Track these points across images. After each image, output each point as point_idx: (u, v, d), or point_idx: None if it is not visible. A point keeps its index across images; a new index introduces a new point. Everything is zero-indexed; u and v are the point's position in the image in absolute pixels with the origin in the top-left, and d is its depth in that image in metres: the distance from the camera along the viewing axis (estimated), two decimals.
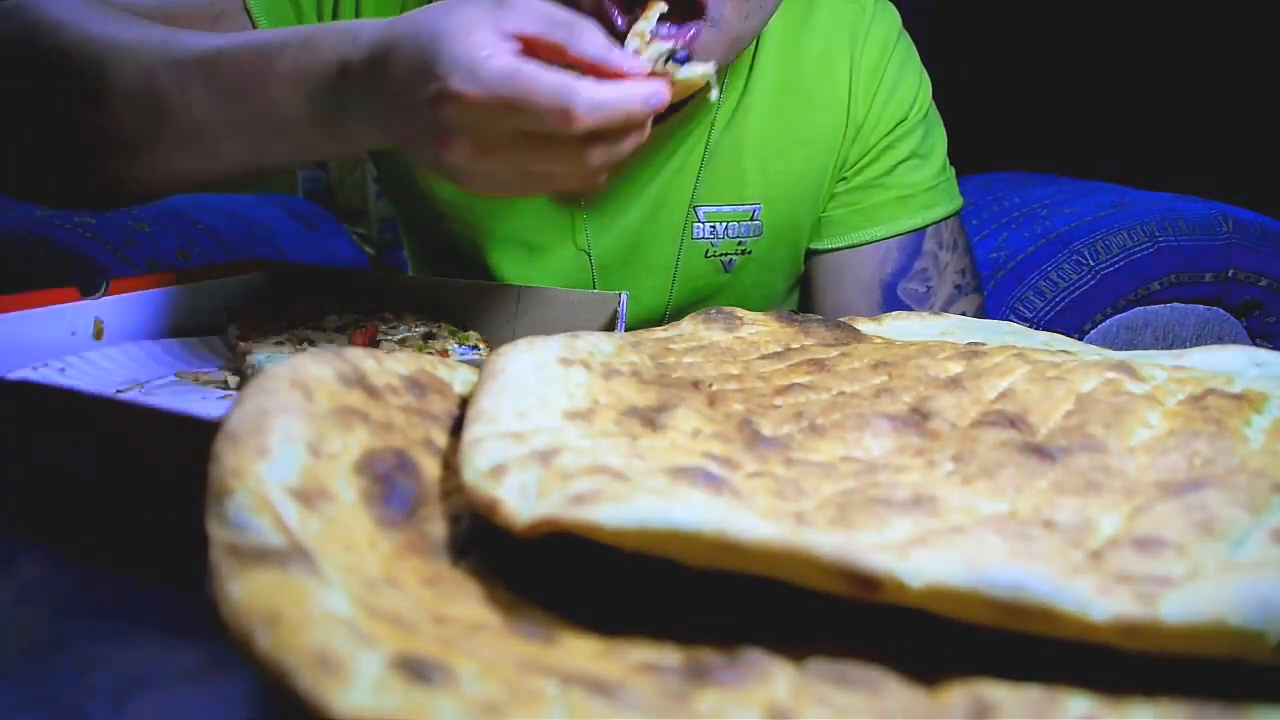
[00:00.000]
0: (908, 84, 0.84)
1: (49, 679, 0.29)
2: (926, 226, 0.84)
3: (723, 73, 0.78)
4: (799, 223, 0.85)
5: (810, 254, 0.87)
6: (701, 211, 0.82)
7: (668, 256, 0.83)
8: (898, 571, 0.22)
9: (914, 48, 0.86)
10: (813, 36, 0.82)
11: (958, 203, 0.86)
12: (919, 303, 0.83)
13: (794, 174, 0.83)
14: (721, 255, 0.84)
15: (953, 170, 0.87)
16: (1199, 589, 0.22)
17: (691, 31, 0.64)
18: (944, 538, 0.25)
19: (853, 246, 0.85)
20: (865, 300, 0.84)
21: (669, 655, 0.24)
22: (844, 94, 0.82)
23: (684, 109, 0.78)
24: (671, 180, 0.81)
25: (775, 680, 0.23)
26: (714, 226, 0.83)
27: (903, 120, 0.83)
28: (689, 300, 0.85)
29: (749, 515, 0.25)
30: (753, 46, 0.80)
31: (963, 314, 0.82)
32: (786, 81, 0.81)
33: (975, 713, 0.22)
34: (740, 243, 0.83)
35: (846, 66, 0.82)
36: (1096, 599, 0.22)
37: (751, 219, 0.83)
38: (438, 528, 0.28)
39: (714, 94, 0.52)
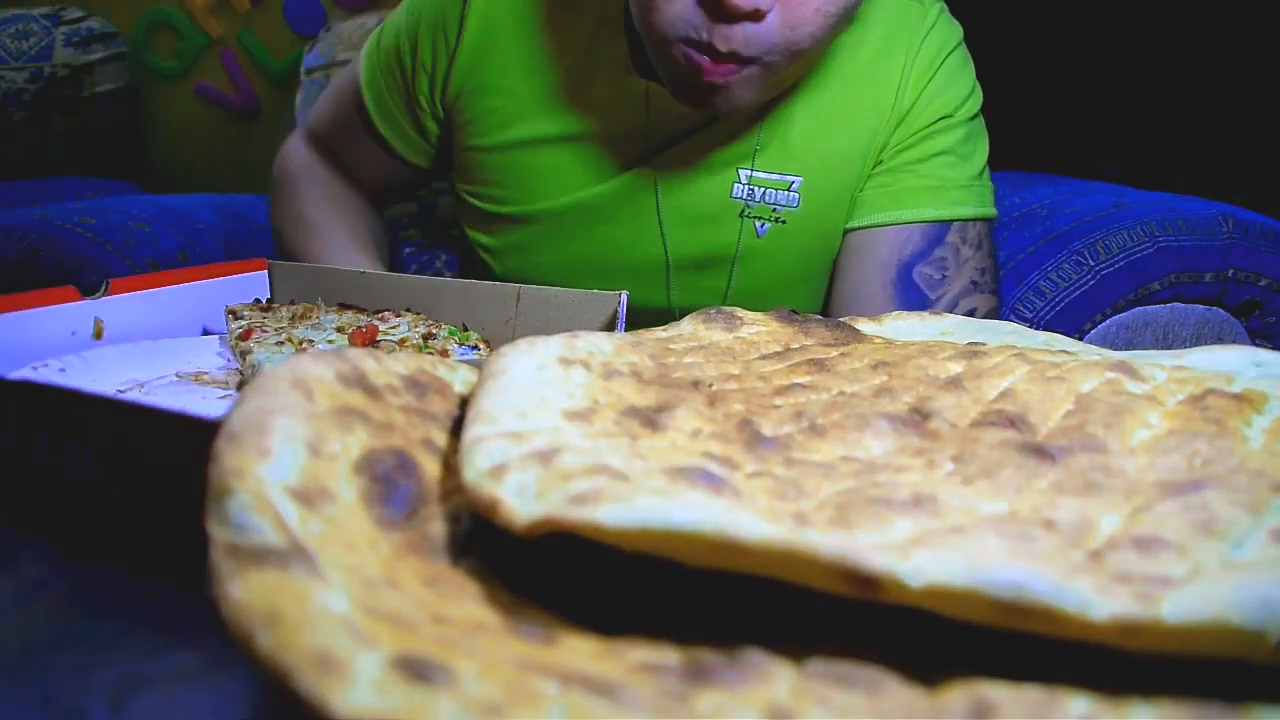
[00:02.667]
0: (958, 87, 0.87)
1: (49, 679, 0.29)
2: (953, 221, 0.85)
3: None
4: (836, 202, 0.87)
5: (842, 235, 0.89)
6: (743, 173, 0.85)
7: (711, 211, 0.87)
8: (898, 571, 0.22)
9: (970, 62, 0.89)
10: (872, 25, 0.85)
11: (990, 211, 0.88)
12: (932, 288, 0.84)
13: (837, 153, 0.85)
14: (756, 218, 0.87)
15: (992, 185, 0.89)
16: (1199, 589, 0.22)
17: (745, 70, 0.72)
18: (944, 538, 0.25)
19: (877, 226, 0.86)
20: (881, 278, 0.85)
21: (669, 655, 0.24)
22: (895, 83, 0.85)
23: None
24: (725, 140, 0.85)
25: (775, 680, 0.23)
26: (752, 189, 0.86)
27: (947, 116, 0.86)
28: (721, 254, 0.88)
29: (749, 515, 0.25)
30: None
31: (973, 310, 0.84)
32: (839, 68, 0.85)
33: (975, 713, 0.22)
34: (775, 209, 0.86)
35: (902, 59, 0.85)
36: (1096, 599, 0.22)
37: (789, 189, 0.86)
38: (438, 528, 0.28)
39: None
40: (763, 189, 0.86)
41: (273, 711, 0.27)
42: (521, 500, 0.26)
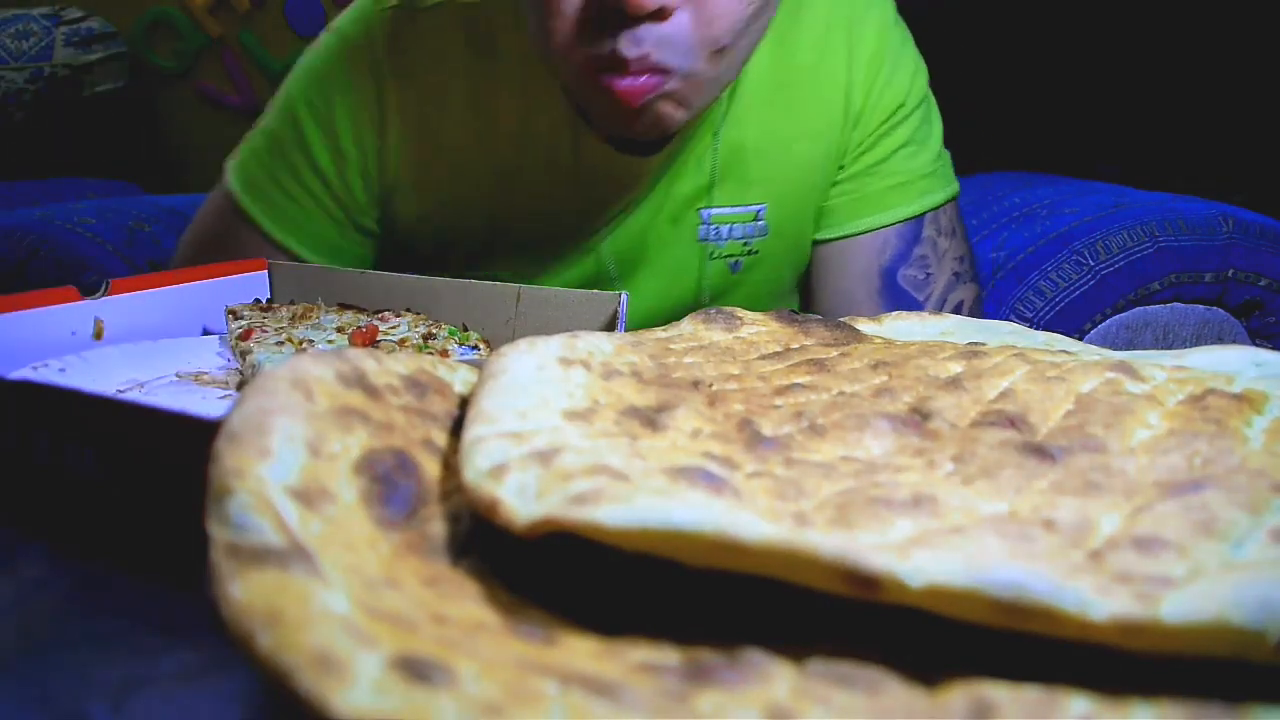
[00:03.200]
0: (904, 71, 0.83)
1: (49, 679, 0.29)
2: (925, 213, 0.84)
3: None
4: (804, 216, 0.84)
5: (811, 244, 0.87)
6: (706, 214, 0.82)
7: (677, 259, 0.83)
8: (898, 571, 0.22)
9: (909, 35, 0.86)
10: (804, 30, 0.81)
11: (954, 188, 0.86)
12: (918, 289, 0.83)
13: (799, 168, 0.83)
14: (727, 256, 0.84)
15: (948, 155, 0.87)
16: (1199, 589, 0.22)
17: (667, 84, 0.66)
18: (944, 538, 0.25)
19: (852, 235, 0.84)
20: (865, 288, 0.84)
21: (669, 655, 0.24)
22: (842, 84, 0.82)
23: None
24: (675, 183, 0.81)
25: (775, 680, 0.23)
26: (718, 229, 0.82)
27: (900, 106, 0.83)
28: (697, 302, 0.85)
29: (749, 515, 0.25)
30: None
31: (960, 302, 0.83)
32: (780, 78, 0.81)
33: (975, 713, 0.22)
34: (746, 243, 0.83)
35: (843, 57, 0.81)
36: (1096, 599, 0.22)
37: (756, 219, 0.83)
38: (438, 528, 0.28)
39: None
40: (729, 225, 0.82)
41: (273, 711, 0.27)
42: (521, 500, 0.26)
